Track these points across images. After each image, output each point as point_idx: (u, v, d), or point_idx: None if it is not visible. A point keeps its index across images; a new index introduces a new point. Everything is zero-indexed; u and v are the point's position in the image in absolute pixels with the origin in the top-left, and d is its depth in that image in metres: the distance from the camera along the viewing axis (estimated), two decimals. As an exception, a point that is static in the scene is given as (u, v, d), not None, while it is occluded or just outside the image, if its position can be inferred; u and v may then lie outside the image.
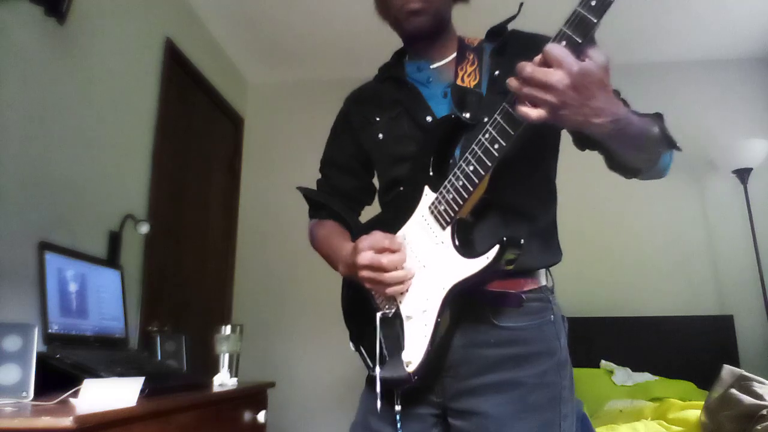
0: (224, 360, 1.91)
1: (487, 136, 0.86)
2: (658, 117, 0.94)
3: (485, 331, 0.96)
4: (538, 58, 0.78)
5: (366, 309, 1.03)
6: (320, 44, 3.32)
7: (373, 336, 1.00)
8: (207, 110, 3.20)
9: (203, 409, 1.59)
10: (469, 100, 1.00)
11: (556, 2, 0.98)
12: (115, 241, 2.17)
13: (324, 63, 3.52)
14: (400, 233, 1.00)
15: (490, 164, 0.86)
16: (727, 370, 2.11)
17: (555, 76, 0.75)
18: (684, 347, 2.93)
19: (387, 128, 1.09)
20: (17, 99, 1.74)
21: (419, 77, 1.10)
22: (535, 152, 1.02)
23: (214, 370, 1.90)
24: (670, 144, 0.94)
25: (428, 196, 0.96)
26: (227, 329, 1.94)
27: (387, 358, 0.98)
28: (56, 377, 1.35)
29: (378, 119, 1.11)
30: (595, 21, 0.75)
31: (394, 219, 1.02)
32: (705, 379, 2.36)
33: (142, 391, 1.24)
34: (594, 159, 1.03)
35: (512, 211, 0.98)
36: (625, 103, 0.90)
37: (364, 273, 0.94)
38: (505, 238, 0.84)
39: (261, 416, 1.96)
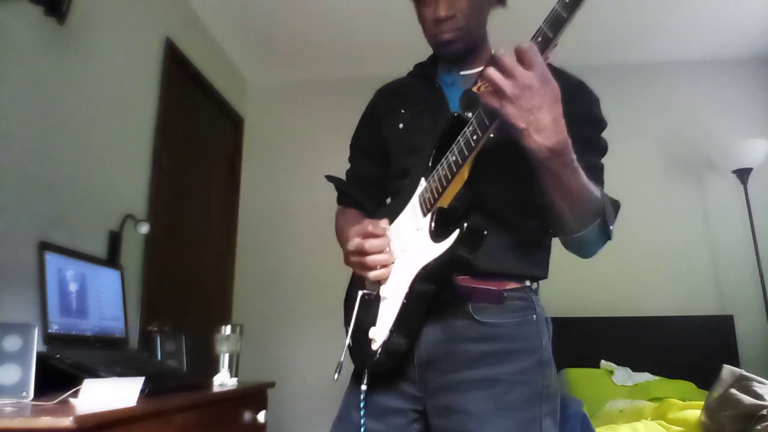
0: (224, 360, 1.91)
1: (470, 128, 0.88)
2: (614, 202, 0.98)
3: (467, 326, 0.98)
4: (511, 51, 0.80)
5: (353, 293, 1.07)
6: (320, 44, 3.32)
7: (356, 317, 1.04)
8: (207, 110, 3.20)
9: (203, 409, 1.59)
10: (476, 105, 1.04)
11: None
12: (115, 241, 2.17)
13: (324, 63, 3.52)
14: (395, 221, 1.05)
15: (467, 154, 0.88)
16: (727, 370, 2.11)
17: (520, 69, 0.77)
18: (684, 347, 2.93)
19: (409, 120, 1.13)
20: (17, 99, 1.74)
21: (446, 80, 1.15)
22: (518, 168, 1.00)
23: (214, 370, 1.90)
24: (603, 226, 0.95)
25: (422, 185, 1.01)
26: (227, 329, 1.94)
27: (361, 337, 1.01)
28: (56, 377, 1.35)
29: (403, 111, 1.15)
30: (566, 17, 0.75)
31: (395, 208, 1.07)
32: (705, 379, 2.36)
33: (142, 391, 1.23)
34: (594, 159, 1.03)
35: (493, 217, 1.01)
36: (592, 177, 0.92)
37: (352, 258, 1.00)
38: (465, 224, 0.87)
39: (261, 416, 1.96)
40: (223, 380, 1.86)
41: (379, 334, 0.97)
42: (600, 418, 2.35)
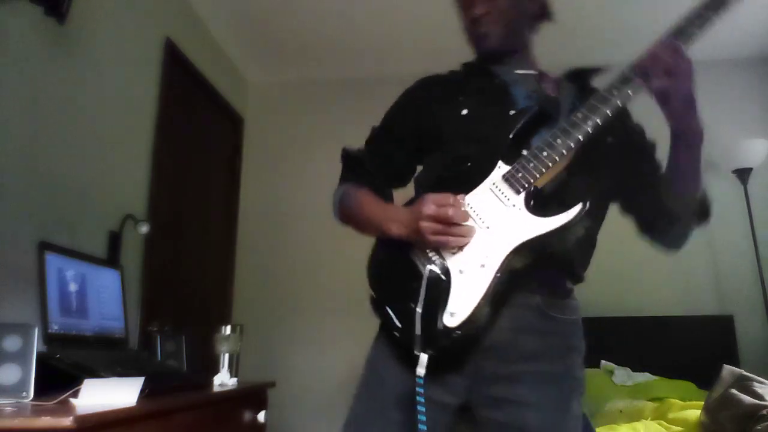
0: (224, 360, 1.91)
1: (579, 115, 0.96)
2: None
3: (535, 318, 1.00)
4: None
5: (402, 268, 1.01)
6: (320, 44, 3.32)
7: (404, 294, 0.98)
8: (207, 110, 3.20)
9: (203, 409, 1.59)
10: (550, 105, 1.08)
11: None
12: (115, 241, 2.17)
13: (324, 63, 3.52)
14: (464, 199, 1.00)
15: (580, 137, 0.95)
16: (727, 370, 2.11)
17: (685, 59, 0.97)
18: (684, 347, 2.92)
19: (474, 109, 1.11)
20: (17, 99, 1.74)
21: (508, 78, 1.15)
22: (610, 168, 1.12)
23: (214, 370, 1.90)
24: (703, 208, 1.16)
25: (501, 168, 1.00)
26: (227, 329, 1.94)
27: (422, 315, 0.94)
28: (56, 377, 1.35)
29: (462, 99, 1.12)
30: (705, 17, 1.04)
31: (457, 190, 1.00)
32: (705, 379, 2.35)
33: (142, 391, 1.23)
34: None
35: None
36: None
37: (428, 223, 0.94)
38: (588, 202, 0.92)
39: (261, 416, 1.96)
40: (223, 380, 1.86)
41: (461, 308, 0.92)
42: (600, 418, 2.35)
